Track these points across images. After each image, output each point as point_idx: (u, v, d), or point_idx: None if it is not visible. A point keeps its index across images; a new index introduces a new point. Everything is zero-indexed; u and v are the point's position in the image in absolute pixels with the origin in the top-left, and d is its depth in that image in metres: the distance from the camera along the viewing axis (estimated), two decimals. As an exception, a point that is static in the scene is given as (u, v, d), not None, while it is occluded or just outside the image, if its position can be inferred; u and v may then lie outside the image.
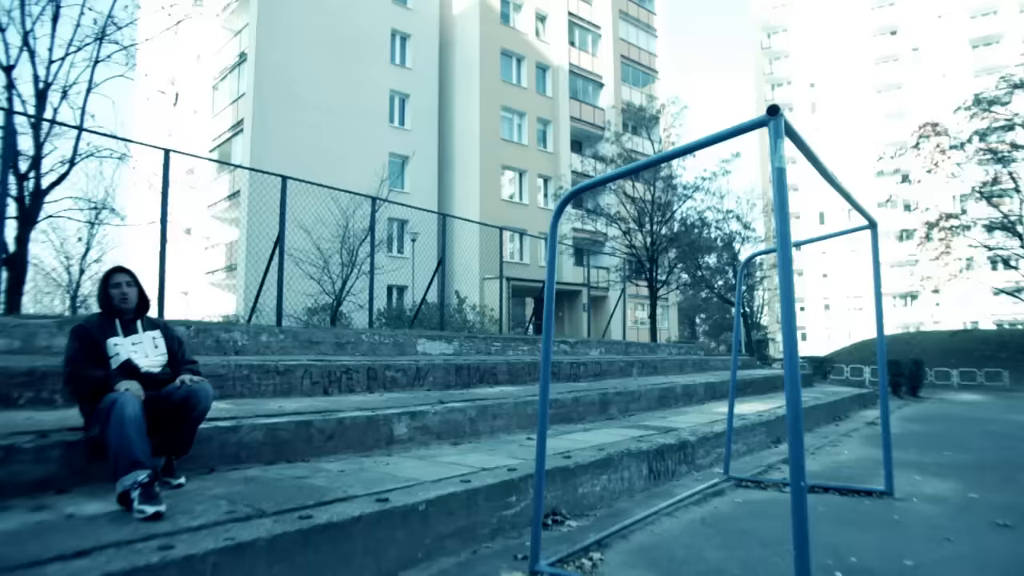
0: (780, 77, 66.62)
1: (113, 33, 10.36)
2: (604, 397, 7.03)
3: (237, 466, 3.71)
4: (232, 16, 28.66)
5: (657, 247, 21.16)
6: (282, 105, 26.14)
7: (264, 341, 6.83)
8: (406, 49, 30.48)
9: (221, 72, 29.25)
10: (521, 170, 31.66)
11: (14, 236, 9.90)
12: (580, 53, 35.03)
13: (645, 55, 38.78)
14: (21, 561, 2.15)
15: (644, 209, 21.89)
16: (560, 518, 3.95)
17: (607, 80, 35.91)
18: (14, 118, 9.57)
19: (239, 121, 27.11)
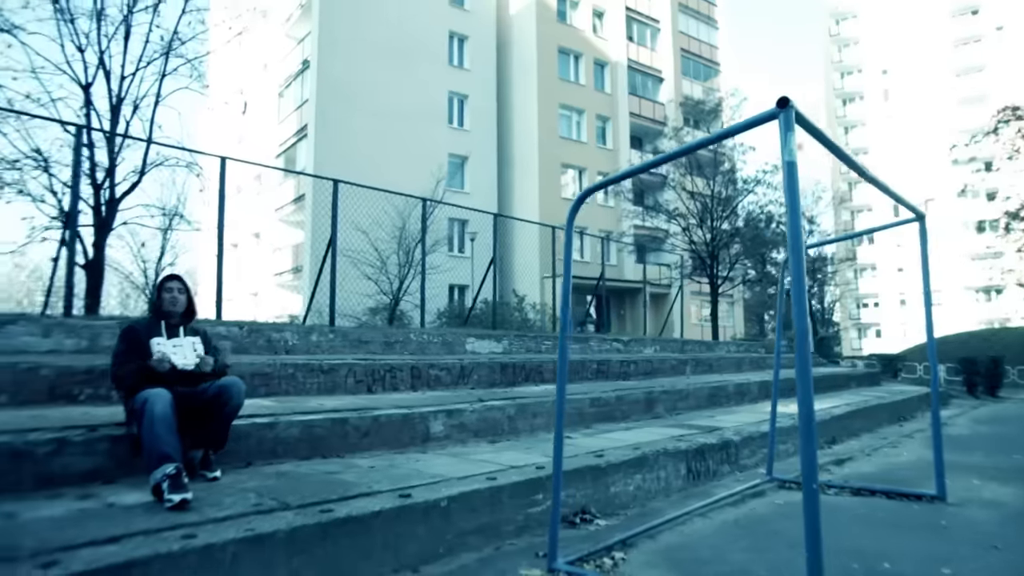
0: (850, 65, 64.02)
1: (178, 47, 10.88)
2: (650, 395, 6.95)
3: (273, 461, 3.86)
4: (295, 25, 29.57)
5: (718, 243, 20.72)
6: (344, 109, 26.78)
7: (314, 340, 7.05)
8: (464, 51, 30.77)
9: (286, 79, 30.21)
10: (580, 168, 31.50)
11: (91, 243, 10.51)
12: (639, 48, 34.59)
13: (706, 48, 37.98)
14: (58, 545, 2.31)
15: (705, 204, 21.46)
16: (589, 517, 3.94)
17: (667, 74, 35.34)
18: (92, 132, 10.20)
19: (303, 127, 27.95)
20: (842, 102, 64.48)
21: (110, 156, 10.42)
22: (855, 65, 63.62)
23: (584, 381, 8.01)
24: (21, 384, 4.09)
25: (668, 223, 24.03)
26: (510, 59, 32.21)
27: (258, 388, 5.12)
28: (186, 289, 3.77)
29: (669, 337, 16.87)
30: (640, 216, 26.69)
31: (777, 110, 2.48)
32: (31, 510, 2.74)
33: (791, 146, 2.46)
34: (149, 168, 10.71)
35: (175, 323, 3.67)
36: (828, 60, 65.71)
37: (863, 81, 62.00)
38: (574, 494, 3.96)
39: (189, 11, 11.15)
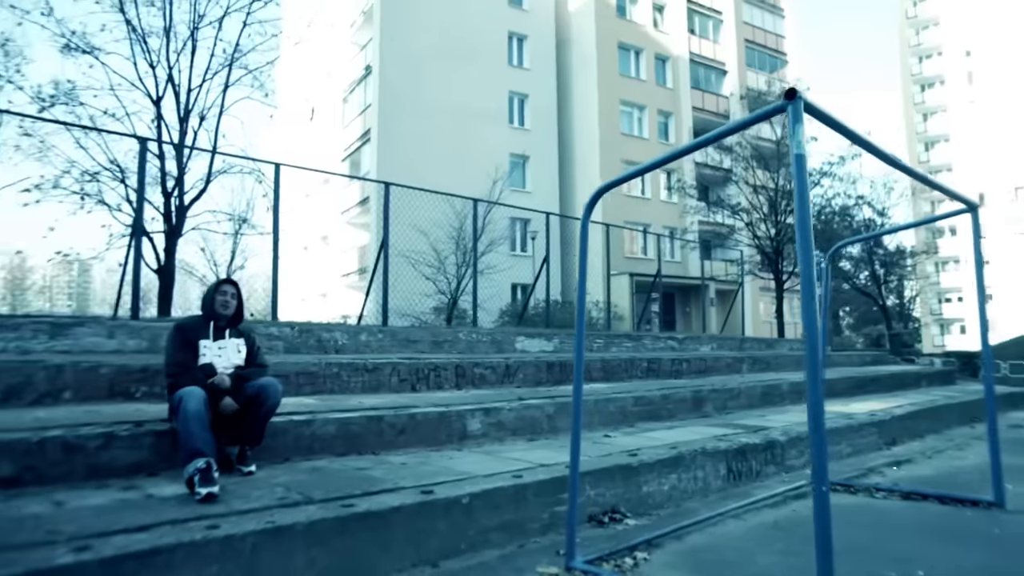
0: (929, 47, 60.78)
1: (240, 59, 11.37)
2: (698, 394, 6.84)
3: (310, 457, 4.00)
4: (359, 32, 30.29)
5: (782, 238, 20.08)
6: (405, 113, 27.27)
7: (363, 340, 7.24)
8: (523, 50, 30.85)
9: (350, 85, 30.99)
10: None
11: (163, 248, 11.09)
12: (701, 41, 33.90)
13: (772, 38, 36.87)
14: (94, 531, 2.48)
15: (770, 198, 20.84)
16: (619, 516, 3.93)
17: (730, 67, 34.51)
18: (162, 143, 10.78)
19: (366, 131, 28.62)
20: (920, 87, 61.33)
21: (178, 166, 10.97)
22: (934, 47, 60.41)
23: (633, 379, 7.94)
24: (83, 382, 4.37)
25: (731, 218, 23.45)
26: (570, 57, 32.09)
27: (303, 386, 5.31)
28: (238, 294, 3.96)
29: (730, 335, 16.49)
30: (702, 212, 26.11)
31: (785, 102, 2.42)
32: (78, 499, 2.94)
33: (799, 138, 2.40)
34: (214, 176, 11.23)
35: (223, 325, 3.85)
36: (904, 43, 62.63)
37: (943, 64, 58.81)
38: (604, 493, 3.95)
39: (250, 23, 11.64)
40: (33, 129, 10.14)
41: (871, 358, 14.05)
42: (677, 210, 29.10)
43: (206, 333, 3.77)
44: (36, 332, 5.27)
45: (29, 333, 5.24)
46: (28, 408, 4.05)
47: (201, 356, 3.65)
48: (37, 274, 60.53)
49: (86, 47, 11.09)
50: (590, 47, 30.89)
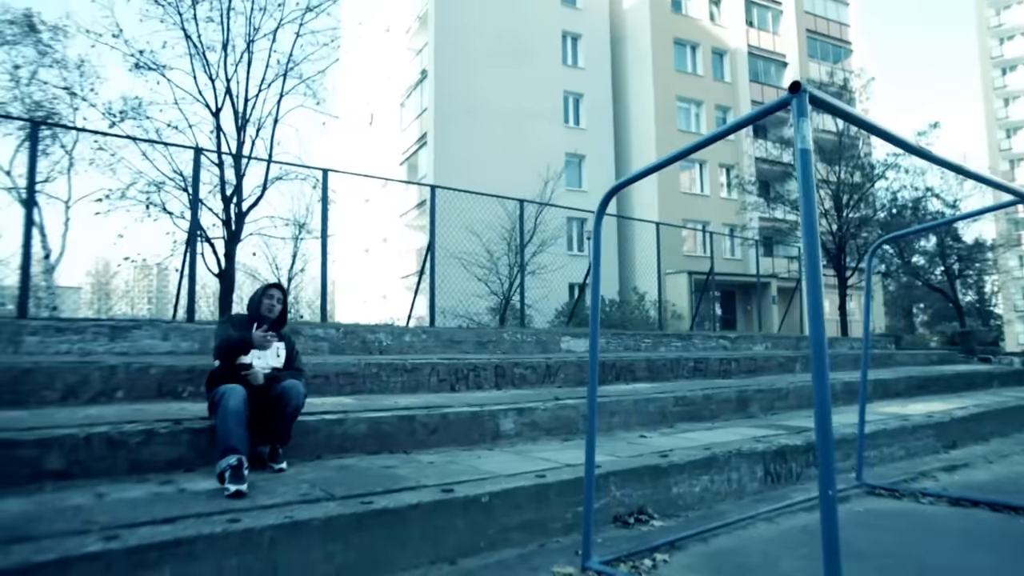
0: (1011, 27, 57.52)
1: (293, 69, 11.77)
2: (743, 394, 6.70)
3: (341, 455, 4.12)
4: (414, 37, 30.78)
5: (844, 233, 19.38)
6: (461, 116, 27.55)
7: (407, 341, 7.38)
8: (577, 49, 30.75)
9: (407, 90, 31.51)
10: (700, 161, 30.57)
11: (223, 253, 11.56)
12: (760, 33, 33.06)
13: (835, 26, 35.61)
14: (125, 522, 2.63)
15: (833, 193, 20.14)
16: (645, 517, 3.90)
17: (791, 58, 33.54)
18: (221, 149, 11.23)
19: (423, 134, 29.04)
20: (1001, 71, 58.06)
21: (236, 174, 11.42)
22: (1017, 27, 57.15)
23: (679, 379, 7.83)
24: (134, 382, 4.62)
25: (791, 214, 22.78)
26: (625, 54, 31.80)
27: (344, 387, 5.46)
28: (284, 299, 4.11)
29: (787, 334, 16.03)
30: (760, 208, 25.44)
31: (789, 96, 2.37)
32: (117, 492, 3.12)
33: (804, 133, 2.34)
34: (270, 183, 11.65)
35: (265, 328, 3.99)
36: (983, 25, 59.45)
37: (1026, 46, 55.71)
38: (630, 494, 3.93)
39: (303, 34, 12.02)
40: (104, 143, 10.76)
41: (938, 357, 13.42)
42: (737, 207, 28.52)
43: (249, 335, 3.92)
44: (97, 335, 5.59)
45: (91, 336, 5.56)
46: (84, 406, 4.31)
47: (240, 357, 3.81)
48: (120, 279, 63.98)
49: (153, 64, 11.69)
50: (645, 43, 30.54)
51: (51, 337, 5.41)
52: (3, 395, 4.19)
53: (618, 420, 5.58)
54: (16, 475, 3.18)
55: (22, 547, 2.35)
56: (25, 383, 4.29)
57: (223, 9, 11.22)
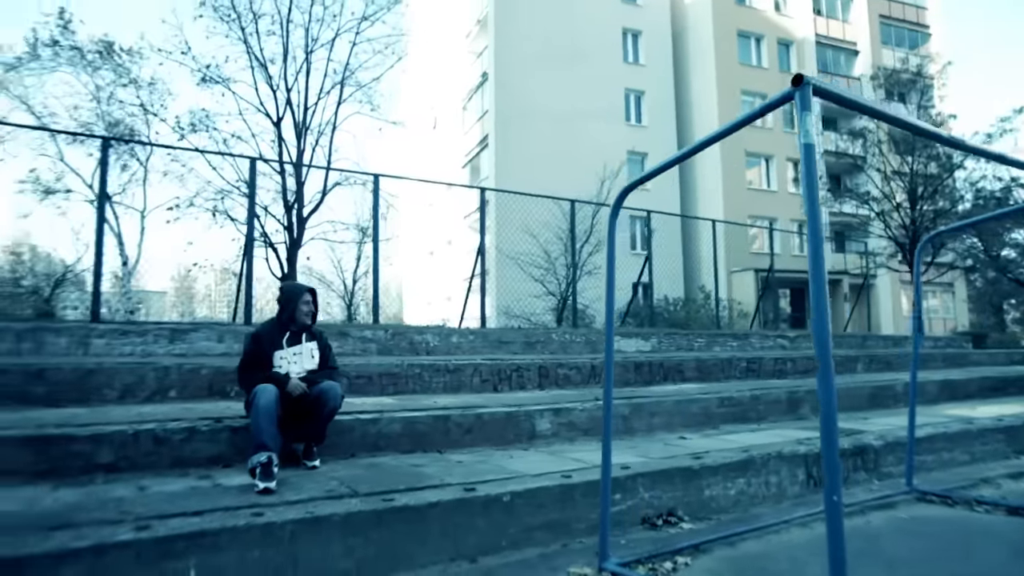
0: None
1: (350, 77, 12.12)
2: (793, 395, 6.51)
3: (375, 454, 4.23)
4: (474, 40, 31.10)
5: (919, 227, 18.46)
6: (522, 117, 27.66)
7: (455, 342, 7.49)
8: (638, 46, 30.42)
9: (468, 93, 31.87)
10: (767, 155, 29.75)
11: (285, 257, 11.99)
12: (828, 21, 31.88)
13: (911, 10, 33.97)
14: (158, 513, 2.79)
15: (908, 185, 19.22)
16: (675, 519, 3.85)
17: (862, 46, 32.21)
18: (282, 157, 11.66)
19: (484, 136, 29.32)
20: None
21: (297, 180, 11.83)
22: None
23: (731, 380, 7.66)
24: (186, 382, 4.87)
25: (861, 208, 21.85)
26: (686, 49, 31.26)
27: (387, 387, 5.60)
28: (316, 303, 4.24)
29: (853, 332, 15.43)
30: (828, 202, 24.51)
31: (792, 89, 2.32)
32: (158, 485, 3.31)
33: (807, 127, 2.29)
34: (330, 189, 12.02)
35: (298, 331, 4.14)
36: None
37: None
38: (660, 495, 3.89)
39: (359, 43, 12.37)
40: (175, 155, 11.36)
41: (1021, 357, 12.63)
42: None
43: (280, 342, 4.05)
44: (158, 337, 5.92)
45: (152, 338, 5.90)
46: (139, 404, 4.58)
47: (276, 367, 3.94)
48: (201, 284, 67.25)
49: (219, 78, 12.25)
50: (707, 37, 29.95)
51: (116, 340, 5.76)
52: (69, 393, 4.50)
53: (659, 421, 5.52)
54: (71, 467, 3.42)
55: (63, 533, 2.53)
56: (88, 383, 4.59)
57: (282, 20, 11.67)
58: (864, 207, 20.83)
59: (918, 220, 18.41)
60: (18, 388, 4.41)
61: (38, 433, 3.47)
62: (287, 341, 4.06)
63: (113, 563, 2.46)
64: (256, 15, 11.67)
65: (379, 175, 8.86)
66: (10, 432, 3.43)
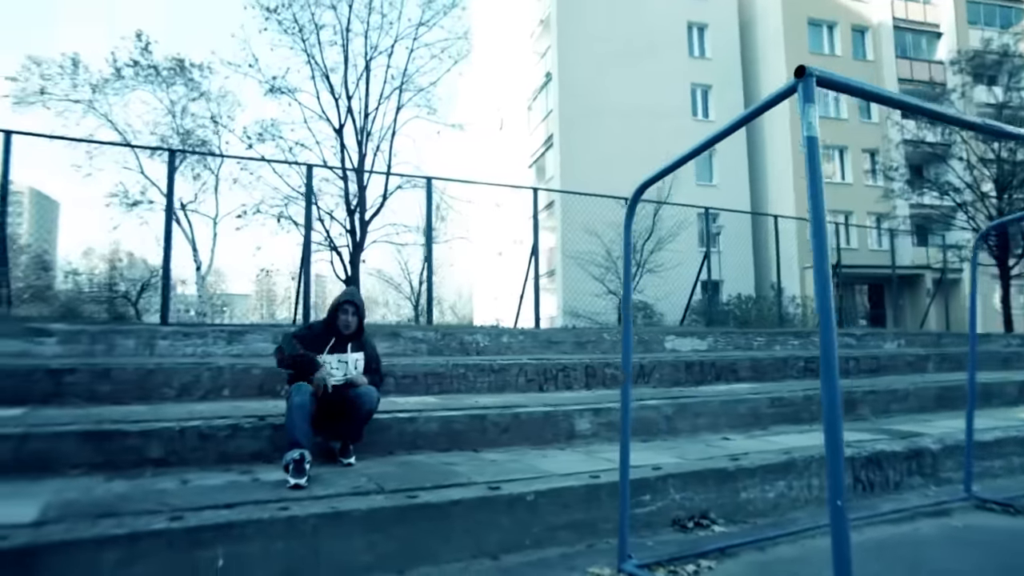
0: None
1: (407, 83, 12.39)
2: (851, 396, 6.25)
3: (412, 452, 4.34)
4: (538, 40, 31.15)
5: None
6: (586, 116, 27.52)
7: (505, 342, 7.55)
8: (704, 39, 29.80)
9: (533, 93, 31.94)
10: (840, 147, 28.59)
11: (348, 260, 12.36)
12: (907, 3, 30.33)
13: (1004, -16, 31.96)
14: (193, 505, 2.96)
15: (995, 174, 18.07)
16: (707, 522, 3.79)
17: (945, 27, 30.47)
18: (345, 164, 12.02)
19: (549, 136, 29.32)
20: None
21: (359, 186, 12.17)
22: None
23: (787, 379, 7.42)
24: (238, 381, 5.12)
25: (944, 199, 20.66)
26: (755, 40, 30.38)
27: (432, 386, 5.71)
28: (358, 312, 4.32)
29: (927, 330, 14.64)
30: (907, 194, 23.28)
31: (795, 81, 2.28)
32: (200, 479, 3.50)
33: (811, 119, 2.24)
34: (390, 193, 12.32)
35: (343, 339, 4.27)
36: None
37: None
38: (692, 497, 3.84)
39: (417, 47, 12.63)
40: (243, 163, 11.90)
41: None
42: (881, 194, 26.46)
43: (323, 347, 4.17)
44: (217, 339, 6.23)
45: (211, 339, 6.21)
46: (194, 402, 4.84)
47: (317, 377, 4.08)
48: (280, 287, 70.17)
49: (285, 88, 12.75)
50: (776, 27, 29.03)
51: (179, 341, 6.10)
52: (131, 392, 4.81)
53: (704, 422, 5.43)
54: (124, 461, 3.66)
55: (106, 521, 2.72)
56: (148, 382, 4.89)
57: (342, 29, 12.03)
58: (947, 197, 19.70)
59: (1006, 210, 17.29)
60: (87, 386, 4.74)
61: (96, 428, 3.72)
62: (332, 347, 4.19)
63: (147, 549, 2.62)
64: (318, 26, 12.11)
65: (431, 178, 9.03)
66: (72, 427, 3.71)
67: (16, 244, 21.50)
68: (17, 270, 16.08)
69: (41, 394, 4.61)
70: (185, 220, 12.58)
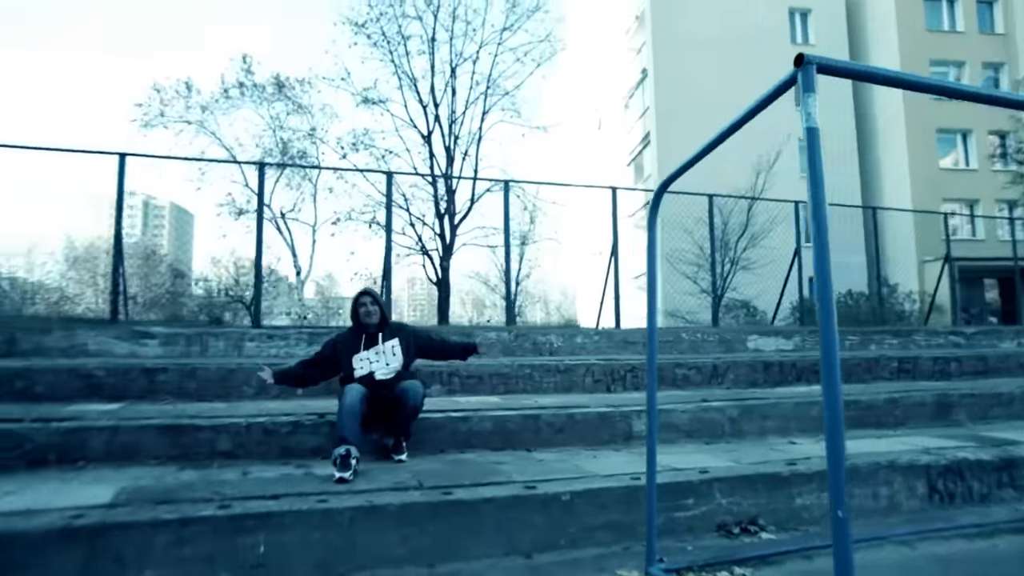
0: None
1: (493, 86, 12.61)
2: (945, 399, 5.82)
3: (465, 450, 4.44)
4: (633, 37, 30.76)
5: None
6: (683, 111, 26.87)
7: (579, 342, 7.55)
8: (807, 25, 28.42)
9: (629, 91, 31.58)
10: (964, 130, 26.42)
11: (439, 263, 12.71)
12: (1044, -34, 27.62)
13: None
14: (243, 495, 3.20)
15: None
16: (755, 528, 3.67)
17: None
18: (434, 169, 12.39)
19: (646, 134, 28.90)
20: None
21: (447, 191, 12.50)
22: None
23: (878, 381, 6.98)
24: (311, 381, 5.41)
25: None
26: (863, 21, 28.63)
27: (497, 386, 5.83)
28: (377, 301, 4.52)
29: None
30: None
31: (794, 71, 2.20)
32: (260, 471, 3.76)
33: (810, 110, 2.16)
34: (478, 197, 12.58)
35: (373, 332, 4.48)
36: None
37: None
38: (740, 502, 3.73)
39: (502, 52, 12.83)
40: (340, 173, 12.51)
41: None
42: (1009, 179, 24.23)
43: (358, 346, 4.40)
44: (298, 340, 6.61)
45: (293, 341, 6.60)
46: (270, 400, 5.17)
47: (359, 368, 4.31)
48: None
49: (378, 99, 13.29)
50: (888, 5, 27.18)
51: (264, 343, 6.53)
52: (214, 389, 5.21)
53: (771, 425, 5.22)
54: (197, 453, 3.99)
55: (164, 507, 2.99)
56: (229, 380, 5.28)
57: (428, 39, 12.41)
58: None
59: None
60: (176, 384, 5.18)
61: (173, 423, 4.08)
62: (364, 344, 4.40)
63: (195, 533, 2.86)
64: (405, 37, 12.55)
65: (509, 181, 9.16)
66: (153, 421, 4.07)
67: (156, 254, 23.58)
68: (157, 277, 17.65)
69: (138, 391, 5.09)
70: (285, 228, 13.45)
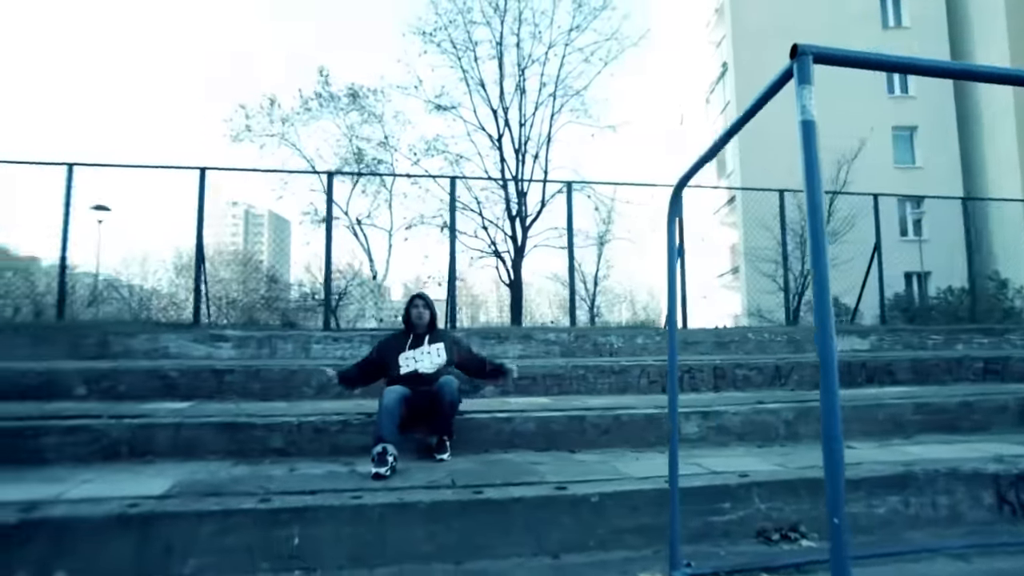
0: None
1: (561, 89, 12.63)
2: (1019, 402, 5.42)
3: (508, 451, 4.50)
4: (713, 30, 30.02)
5: None
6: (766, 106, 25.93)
7: (640, 343, 7.47)
8: (900, 5, 26.81)
9: (710, 85, 30.83)
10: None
11: (511, 265, 12.84)
12: None
13: None
14: (284, 489, 3.38)
15: None
16: (796, 535, 3.54)
17: None
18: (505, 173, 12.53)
19: (728, 129, 28.06)
20: None
21: (518, 193, 12.62)
22: None
23: (960, 383, 6.55)
24: (368, 381, 5.61)
25: None
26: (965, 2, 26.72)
27: (551, 387, 5.86)
28: (429, 305, 4.70)
29: None
30: None
31: (789, 64, 2.15)
32: (307, 467, 3.95)
33: (804, 102, 2.09)
34: (549, 199, 12.64)
35: (420, 333, 4.62)
36: None
37: None
38: (780, 508, 3.61)
39: (569, 53, 12.84)
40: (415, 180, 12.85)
41: None
42: None
43: (404, 345, 4.57)
44: (362, 342, 6.88)
45: (357, 343, 6.86)
46: (328, 400, 5.38)
47: (404, 366, 4.46)
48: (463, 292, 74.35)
49: (449, 105, 13.57)
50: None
51: (329, 345, 6.82)
52: (276, 390, 5.50)
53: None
54: (252, 450, 4.23)
55: (210, 499, 3.21)
56: (291, 381, 5.56)
57: (495, 43, 12.57)
58: None
59: None
60: (242, 384, 5.49)
61: (231, 420, 4.34)
62: (411, 344, 4.55)
63: (236, 524, 3.04)
64: (474, 43, 12.76)
65: (571, 182, 9.15)
66: (213, 419, 4.35)
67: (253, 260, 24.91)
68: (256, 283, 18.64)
69: (207, 390, 5.43)
70: (361, 233, 13.91)
